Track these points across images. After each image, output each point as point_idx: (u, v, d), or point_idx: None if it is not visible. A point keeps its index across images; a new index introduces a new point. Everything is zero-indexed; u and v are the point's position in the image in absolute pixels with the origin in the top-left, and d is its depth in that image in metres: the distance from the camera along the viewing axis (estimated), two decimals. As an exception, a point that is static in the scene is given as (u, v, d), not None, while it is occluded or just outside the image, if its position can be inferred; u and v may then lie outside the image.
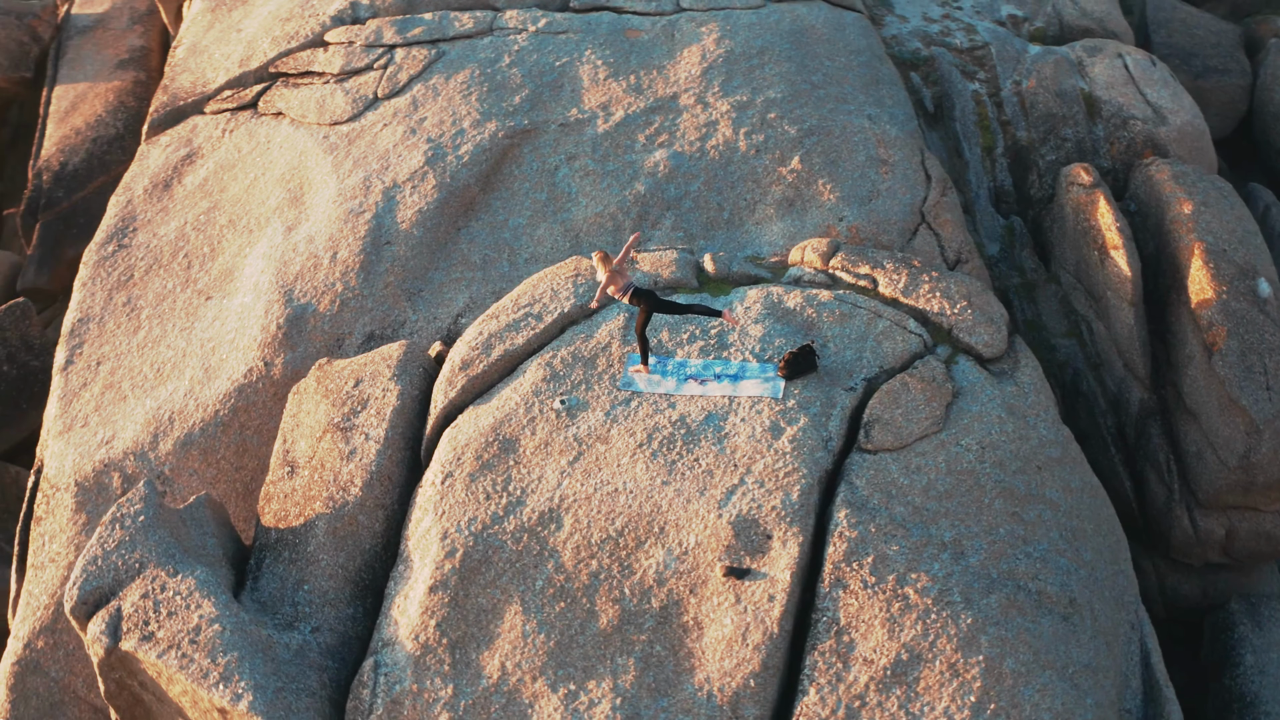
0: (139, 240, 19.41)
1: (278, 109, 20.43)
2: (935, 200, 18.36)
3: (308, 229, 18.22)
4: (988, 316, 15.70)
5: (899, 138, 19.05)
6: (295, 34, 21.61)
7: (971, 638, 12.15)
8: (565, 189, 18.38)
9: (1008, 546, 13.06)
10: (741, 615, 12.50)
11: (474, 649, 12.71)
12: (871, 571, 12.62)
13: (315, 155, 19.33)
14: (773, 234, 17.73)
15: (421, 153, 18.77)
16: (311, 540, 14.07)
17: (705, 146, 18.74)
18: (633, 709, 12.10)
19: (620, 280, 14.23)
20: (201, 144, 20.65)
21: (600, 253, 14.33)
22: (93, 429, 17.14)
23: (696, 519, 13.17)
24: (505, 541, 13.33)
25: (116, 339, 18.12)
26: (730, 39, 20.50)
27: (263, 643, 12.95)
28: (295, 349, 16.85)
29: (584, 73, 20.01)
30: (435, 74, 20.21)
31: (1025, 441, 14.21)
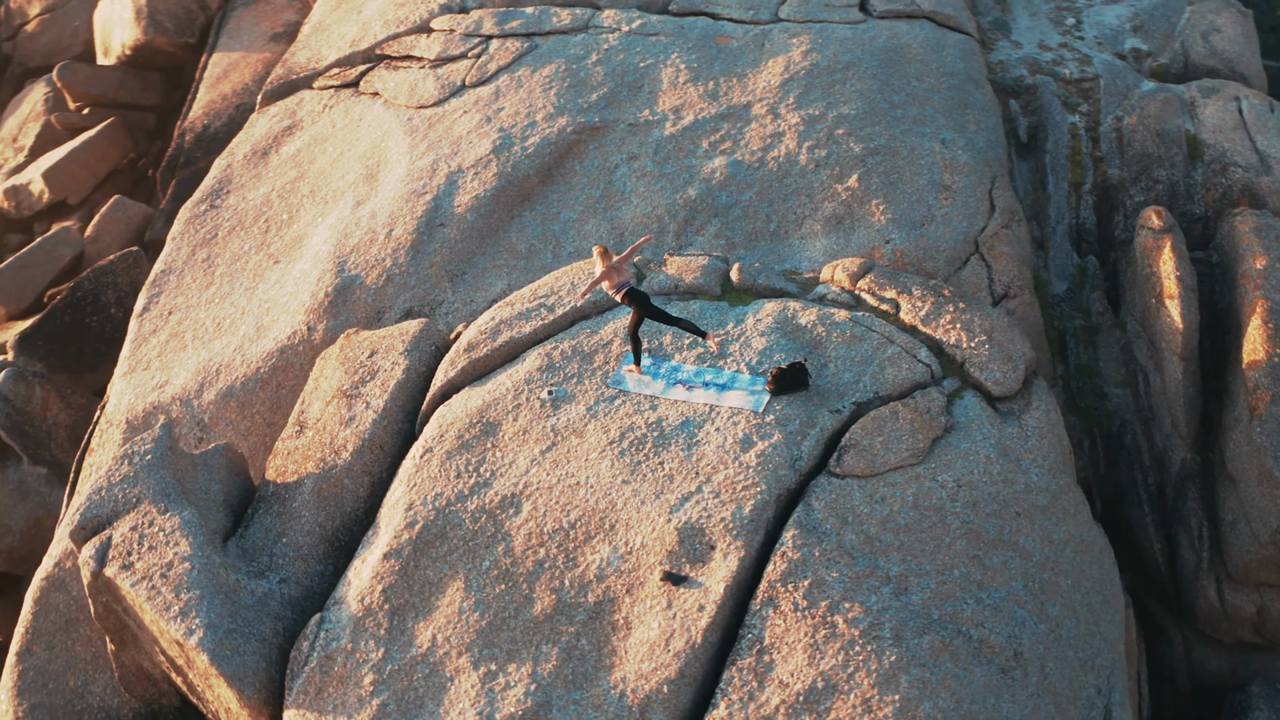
0: (229, 202, 20.62)
1: (375, 89, 21.34)
2: (995, 231, 17.79)
3: (373, 205, 19.00)
4: (1006, 354, 15.16)
5: (969, 164, 18.53)
6: (405, 19, 22.52)
7: (892, 676, 11.83)
8: (620, 188, 18.62)
9: (958, 589, 12.64)
10: (669, 621, 12.52)
11: (412, 618, 13.12)
12: (805, 595, 12.43)
13: (396, 136, 20.12)
14: (815, 250, 17.53)
15: (491, 141, 19.31)
16: (298, 497, 14.75)
17: (766, 157, 18.66)
18: (545, 697, 12.28)
19: (616, 278, 14.39)
20: (303, 117, 21.76)
21: (600, 247, 14.52)
22: (151, 373, 18.35)
23: (646, 521, 13.24)
24: (464, 520, 13.69)
25: (189, 292, 19.32)
26: (819, 52, 20.32)
27: (227, 586, 13.68)
28: (338, 317, 17.63)
29: (665, 75, 20.19)
30: (523, 66, 20.73)
31: (1009, 485, 13.70)
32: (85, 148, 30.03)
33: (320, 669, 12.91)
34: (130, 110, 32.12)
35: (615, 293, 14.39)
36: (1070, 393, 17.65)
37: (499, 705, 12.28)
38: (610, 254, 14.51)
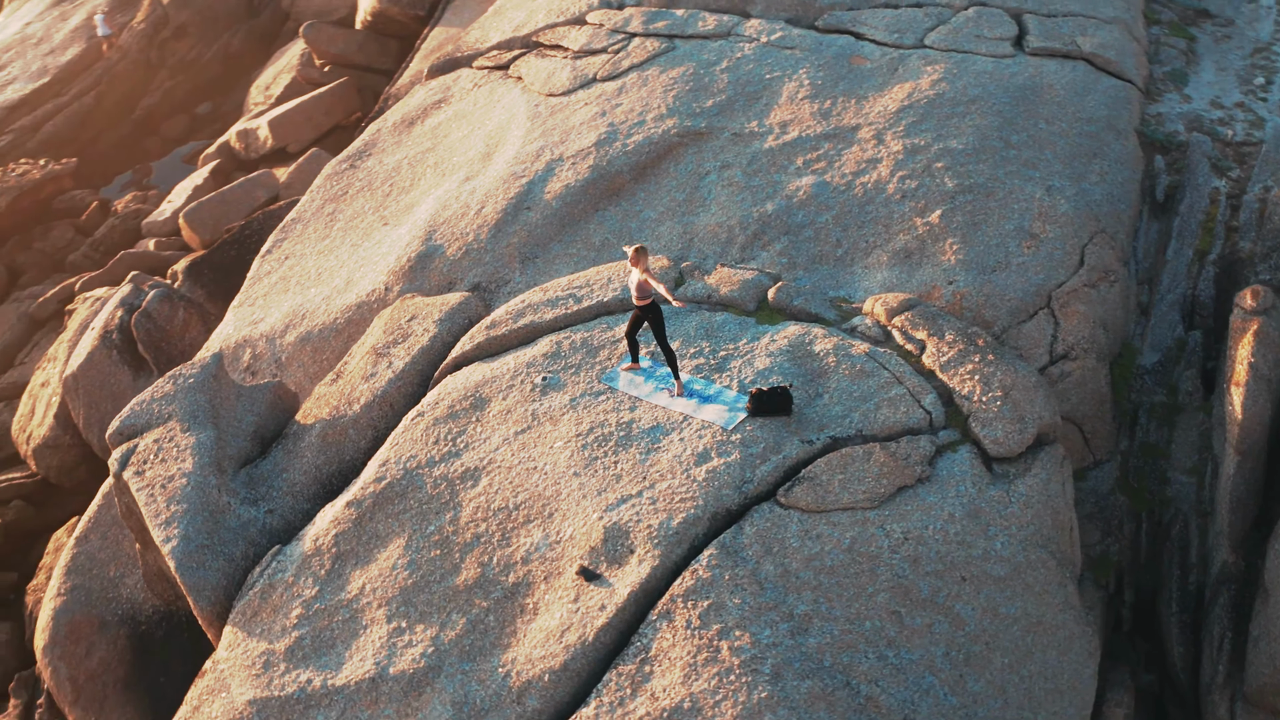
0: (366, 164, 22.04)
1: (520, 74, 22.25)
2: (1075, 288, 16.74)
3: (478, 182, 19.89)
4: (1018, 414, 14.33)
5: (1068, 215, 17.48)
6: (566, 10, 23.31)
7: (756, 712, 11.57)
8: (704, 194, 18.71)
9: (862, 641, 12.16)
10: (571, 614, 12.68)
11: (351, 565, 13.85)
12: (701, 615, 12.30)
13: (520, 120, 20.94)
14: (873, 281, 17.06)
15: (597, 134, 19.80)
16: (307, 439, 15.79)
17: (854, 181, 18.27)
18: (438, 661, 12.72)
19: (647, 287, 14.07)
20: (454, 93, 22.94)
21: (640, 245, 14.16)
22: (254, 309, 19.95)
23: (581, 515, 13.43)
24: (426, 484, 14.29)
25: (307, 241, 20.84)
26: (949, 82, 19.65)
27: (216, 506, 14.86)
28: (414, 282, 18.61)
29: (786, 89, 20.07)
30: (654, 66, 21.09)
31: (963, 548, 13.01)
32: (313, 102, 32.63)
33: (261, 595, 13.84)
34: (365, 72, 34.66)
35: (640, 298, 14.18)
36: (1127, 471, 16.39)
37: (395, 660, 12.81)
38: (646, 255, 14.10)
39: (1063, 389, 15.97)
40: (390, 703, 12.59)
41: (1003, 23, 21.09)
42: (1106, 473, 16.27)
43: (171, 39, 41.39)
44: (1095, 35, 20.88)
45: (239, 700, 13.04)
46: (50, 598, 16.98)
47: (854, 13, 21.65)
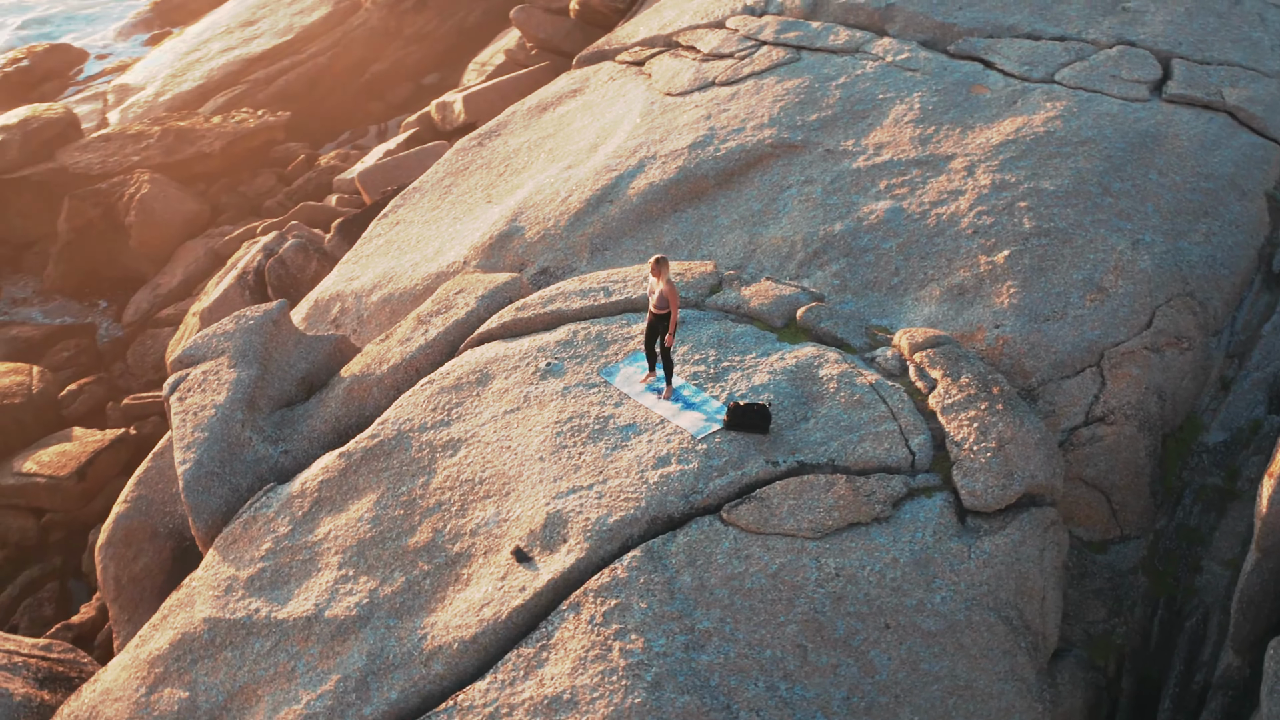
0: (493, 144, 22.92)
1: (650, 71, 22.58)
2: (1133, 349, 15.70)
3: (575, 171, 20.39)
4: (1006, 469, 13.64)
5: (1147, 273, 16.38)
6: (711, 13, 23.46)
7: (624, 716, 11.58)
8: (779, 207, 18.54)
9: (756, 668, 11.94)
10: (495, 590, 13.02)
11: (325, 511, 14.63)
12: (605, 613, 12.38)
13: (633, 116, 21.30)
14: (919, 314, 16.51)
15: (695, 137, 19.92)
16: (335, 390, 16.72)
17: (930, 211, 17.69)
18: (368, 613, 13.31)
19: (669, 298, 13.98)
20: (591, 84, 23.50)
21: (660, 255, 14.07)
22: (356, 267, 21.15)
23: (532, 498, 13.72)
24: (412, 446, 14.92)
25: (420, 209, 21.88)
26: (1064, 121, 18.71)
27: (236, 439, 15.97)
28: (490, 258, 19.31)
29: (895, 111, 19.60)
30: (772, 75, 21.00)
31: (896, 595, 12.54)
32: (510, 83, 33.91)
33: (244, 525, 14.82)
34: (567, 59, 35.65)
35: (659, 308, 14.06)
36: (1156, 551, 15.24)
37: (332, 604, 13.49)
38: (667, 267, 14.03)
39: (1089, 453, 15.03)
40: (318, 643, 13.26)
41: (1146, 65, 19.84)
42: (1131, 549, 15.20)
43: (412, 10, 43.78)
44: (1247, 88, 19.35)
45: (197, 616, 14.03)
46: (118, 503, 18.59)
47: (992, 40, 20.85)
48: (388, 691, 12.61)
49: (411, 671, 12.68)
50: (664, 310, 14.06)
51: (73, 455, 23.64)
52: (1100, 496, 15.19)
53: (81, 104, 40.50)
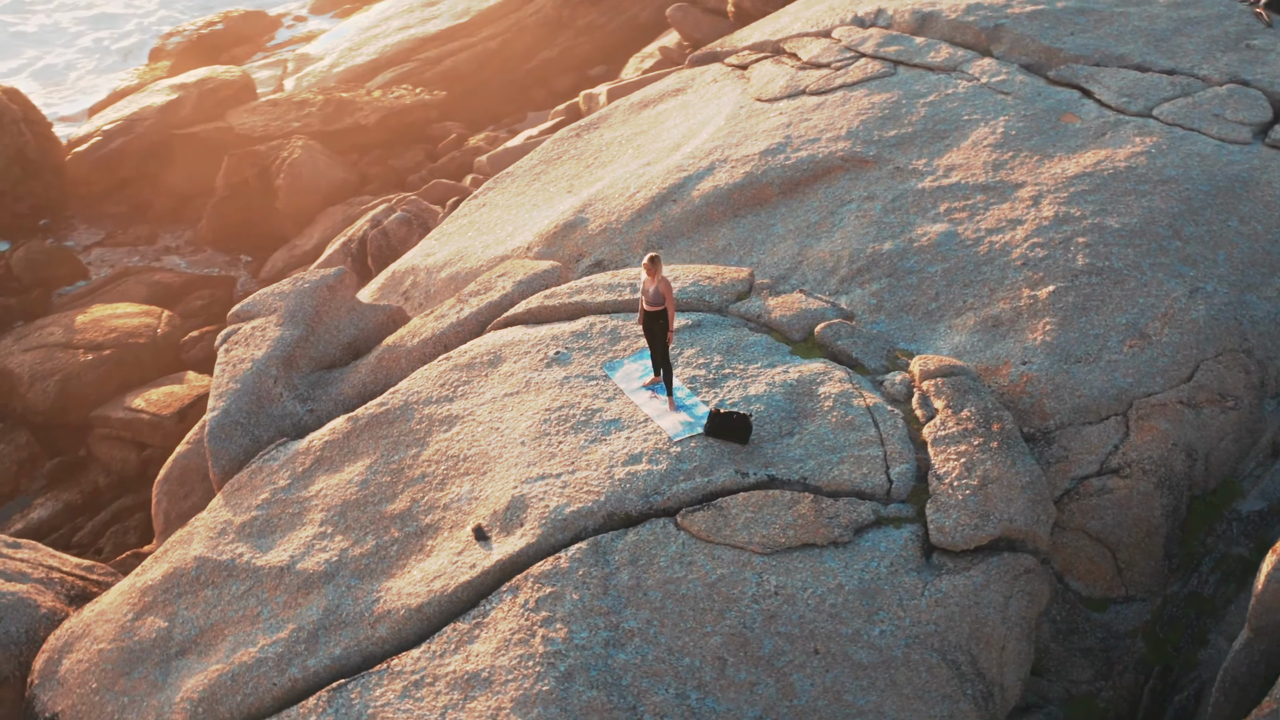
0: (590, 136, 23.27)
1: (750, 75, 22.53)
2: (1166, 402, 14.86)
3: (650, 169, 20.55)
4: (983, 510, 13.15)
5: (1199, 323, 15.45)
6: (820, 21, 23.20)
7: (530, 702, 11.74)
8: (835, 221, 18.26)
9: (671, 674, 11.90)
10: (449, 564, 13.36)
11: (323, 470, 15.25)
12: (539, 600, 12.55)
13: (720, 119, 21.30)
14: (947, 343, 16.01)
15: (768, 144, 19.79)
16: (369, 358, 17.36)
17: (984, 239, 17.13)
18: (334, 570, 13.85)
19: (664, 294, 13.97)
20: (694, 85, 23.59)
21: (655, 254, 14.02)
22: (435, 243, 21.85)
23: (503, 480, 13.99)
24: (413, 417, 15.40)
25: (506, 194, 22.43)
26: (1149, 158, 17.80)
27: (266, 393, 16.79)
28: (552, 246, 19.68)
29: (976, 134, 19.03)
30: (863, 88, 20.66)
31: (833, 621, 12.28)
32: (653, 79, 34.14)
33: (250, 474, 15.59)
34: (718, 60, 35.67)
35: (652, 305, 13.99)
36: (1160, 617, 14.40)
37: (304, 559, 14.08)
38: (660, 267, 13.98)
39: (1095, 505, 14.31)
40: (285, 593, 13.86)
41: (1256, 106, 18.64)
42: (1134, 611, 14.41)
43: (587, 3, 44.56)
44: (1365, 138, 17.97)
45: (190, 554, 14.85)
46: (181, 443, 19.74)
47: (1096, 69, 19.94)
48: (333, 647, 13.09)
49: (359, 631, 13.13)
50: (657, 306, 14.02)
51: (178, 397, 25.14)
52: (1105, 552, 14.45)
53: (263, 69, 42.82)
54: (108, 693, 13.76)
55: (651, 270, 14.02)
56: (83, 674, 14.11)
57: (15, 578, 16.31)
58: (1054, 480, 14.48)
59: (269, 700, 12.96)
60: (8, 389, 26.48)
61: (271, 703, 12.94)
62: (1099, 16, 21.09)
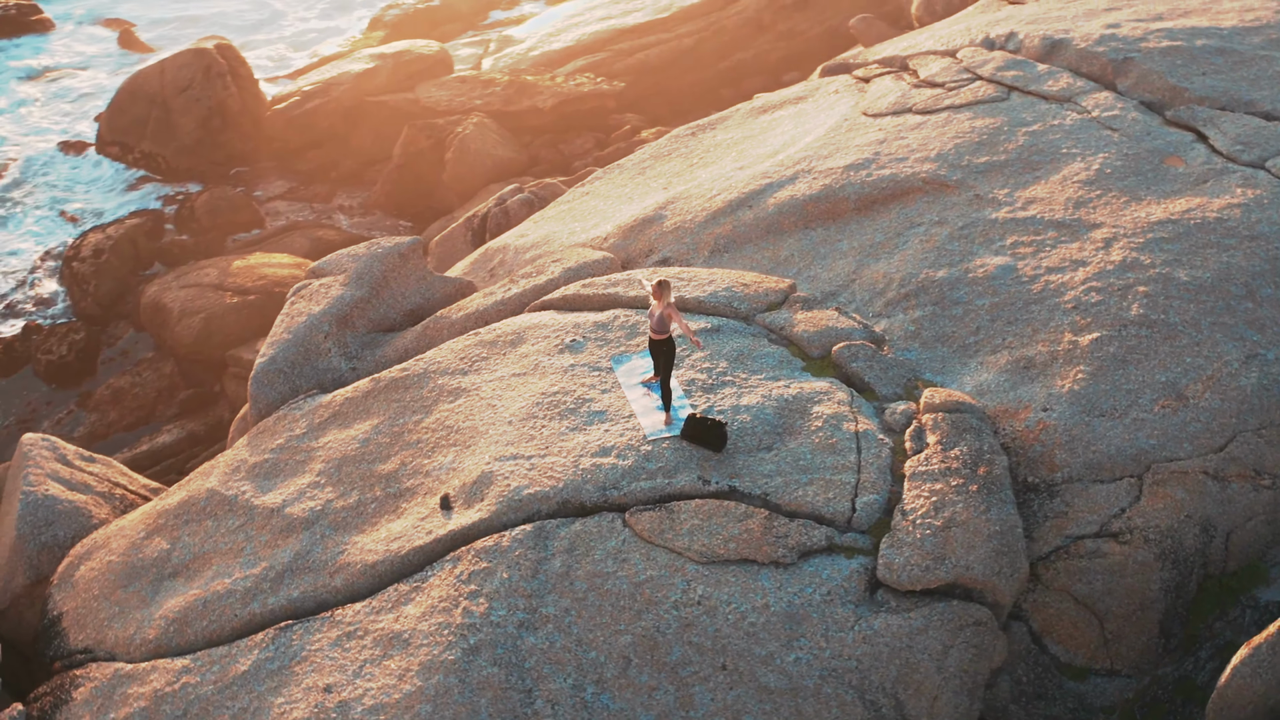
0: (703, 136, 23.33)
1: (868, 89, 22.11)
2: (1189, 470, 13.85)
3: (740, 173, 20.48)
4: (940, 553, 12.65)
5: (1246, 391, 14.32)
6: (950, 40, 22.52)
7: (434, 668, 12.05)
8: (898, 243, 17.77)
9: (573, 665, 11.98)
10: (411, 528, 13.82)
11: (336, 424, 15.96)
12: (472, 573, 12.85)
13: (822, 130, 21.00)
14: (972, 380, 15.37)
15: (855, 158, 19.42)
16: (418, 325, 17.99)
17: (1041, 277, 16.34)
18: (315, 519, 14.52)
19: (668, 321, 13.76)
20: (816, 94, 23.31)
21: (662, 280, 13.83)
22: (531, 225, 22.39)
23: (481, 454, 14.33)
24: (427, 385, 15.92)
25: (612, 185, 22.75)
26: (1243, 211, 16.59)
27: (314, 347, 17.67)
28: (626, 238, 19.90)
29: (1069, 169, 18.13)
30: (968, 111, 19.98)
31: (749, 640, 12.09)
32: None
33: (276, 420, 16.47)
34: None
35: (658, 333, 13.78)
36: (1143, 697, 13.47)
37: (293, 504, 14.81)
38: (669, 292, 13.71)
39: (1084, 568, 13.49)
40: (269, 533, 14.63)
41: (1385, 168, 17.05)
42: (1115, 686, 13.52)
43: (792, 8, 44.33)
44: None
45: (205, 485, 15.83)
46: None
47: (1219, 112, 18.61)
48: (293, 590, 13.74)
49: (318, 578, 13.74)
50: (662, 335, 13.84)
51: (302, 345, 26.53)
52: (1091, 618, 13.60)
53: (467, 47, 44.51)
54: (105, 601, 14.85)
55: (658, 295, 13.67)
56: (90, 581, 15.27)
57: (79, 488, 17.71)
58: (1045, 536, 13.73)
59: (228, 630, 13.71)
60: (160, 321, 28.60)
61: (230, 632, 13.69)
62: (1239, 58, 19.67)
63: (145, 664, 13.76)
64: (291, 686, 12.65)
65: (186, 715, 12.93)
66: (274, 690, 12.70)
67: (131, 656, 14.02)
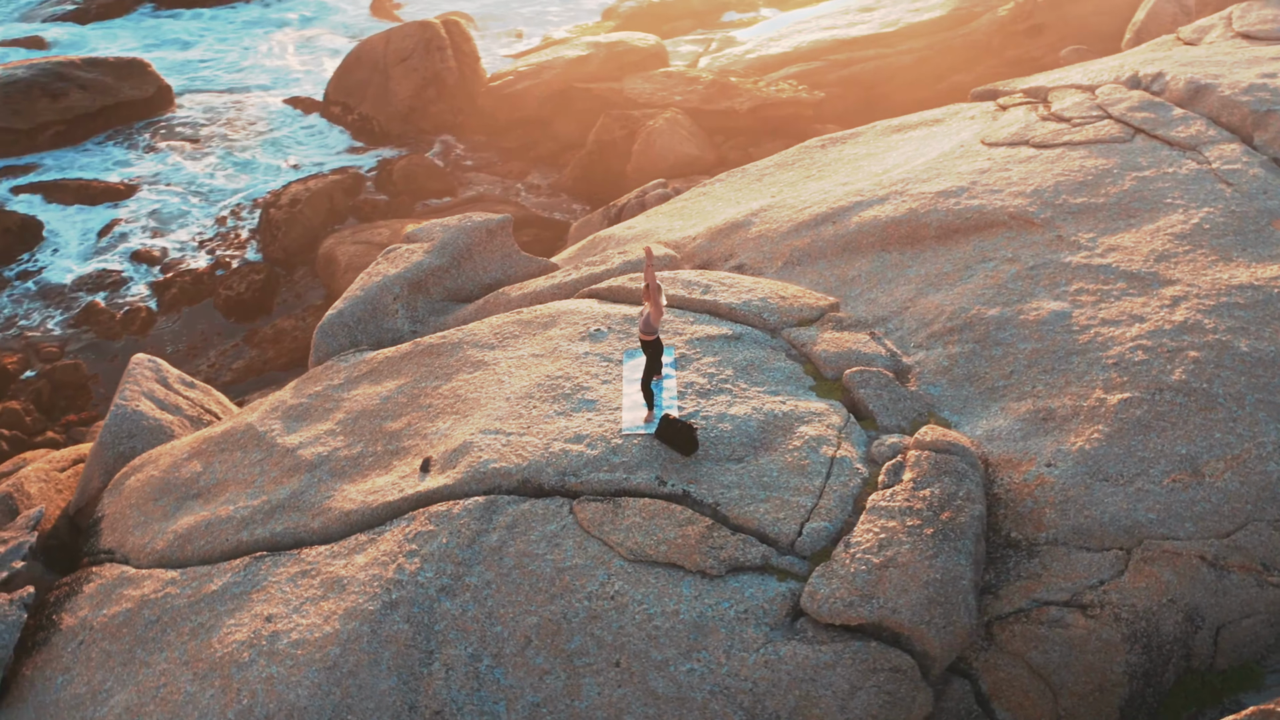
0: (833, 149, 23.03)
1: (1000, 117, 21.33)
2: (1182, 551, 12.88)
3: (839, 188, 20.16)
4: (869, 590, 12.25)
5: (1271, 479, 13.19)
6: (1100, 75, 21.38)
7: (353, 614, 12.63)
8: (963, 276, 17.11)
9: (477, 635, 12.29)
10: (390, 484, 14.48)
11: (367, 380, 16.80)
12: (418, 533, 13.35)
13: (934, 153, 20.40)
14: (989, 425, 14.70)
15: (949, 185, 18.80)
16: (482, 300, 18.67)
17: (1093, 328, 15.43)
18: (319, 463, 15.37)
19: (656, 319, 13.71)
20: (952, 118, 22.59)
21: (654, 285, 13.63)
22: (642, 219, 22.70)
23: (471, 425, 14.83)
24: (455, 354, 16.55)
25: (728, 188, 22.81)
26: (1342, 285, 15.20)
27: (382, 307, 18.62)
28: (712, 240, 19.97)
29: (1166, 221, 17.01)
30: (1084, 150, 18.98)
31: (649, 644, 12.08)
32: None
33: (323, 369, 17.49)
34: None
35: (646, 334, 13.74)
36: (1087, 784, 12.63)
37: (306, 447, 15.74)
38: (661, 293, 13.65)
39: (1040, 635, 12.74)
40: (279, 471, 15.61)
41: None
42: (1058, 765, 12.75)
43: (1023, 34, 42.77)
44: None
45: (246, 420, 17.00)
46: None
47: (1356, 176, 17.01)
48: (277, 525, 14.65)
49: (301, 518, 14.58)
50: (649, 335, 13.90)
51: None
52: (1045, 690, 12.82)
53: (689, 44, 45.09)
54: (136, 510, 16.21)
55: (646, 296, 13.70)
56: (132, 490, 16.69)
57: (169, 409, 19.31)
58: (1011, 595, 13.03)
59: (218, 553, 14.74)
60: (330, 272, 30.55)
61: (219, 555, 14.72)
62: (1399, 121, 17.85)
63: (145, 571, 14.96)
64: (243, 611, 13.51)
65: (159, 621, 14.02)
66: (230, 612, 13.60)
67: (139, 563, 15.26)
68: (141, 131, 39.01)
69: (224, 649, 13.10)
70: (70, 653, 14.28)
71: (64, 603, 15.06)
